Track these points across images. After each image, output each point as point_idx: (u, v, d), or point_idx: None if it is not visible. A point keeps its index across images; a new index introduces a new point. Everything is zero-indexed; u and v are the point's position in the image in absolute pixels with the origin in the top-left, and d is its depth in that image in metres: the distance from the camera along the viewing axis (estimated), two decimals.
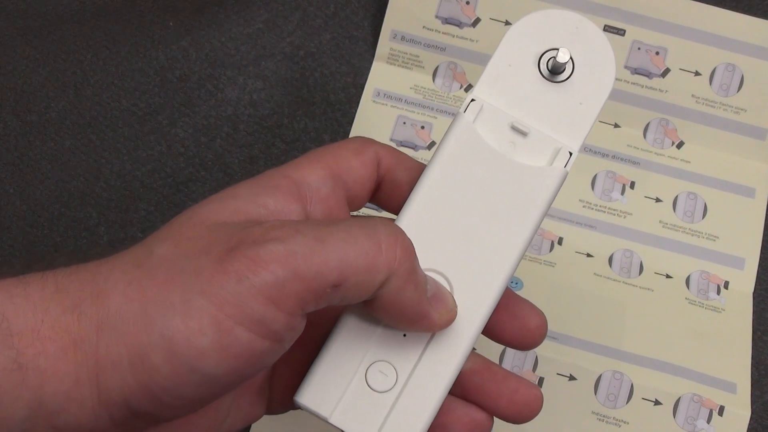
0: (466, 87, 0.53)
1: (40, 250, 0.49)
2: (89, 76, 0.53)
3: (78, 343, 0.23)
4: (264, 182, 0.29)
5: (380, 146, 0.31)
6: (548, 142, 0.30)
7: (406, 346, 0.28)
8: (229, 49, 0.53)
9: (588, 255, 0.50)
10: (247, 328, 0.23)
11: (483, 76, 0.31)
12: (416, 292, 0.26)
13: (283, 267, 0.23)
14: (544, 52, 0.31)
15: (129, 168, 0.51)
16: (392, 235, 0.26)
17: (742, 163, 0.52)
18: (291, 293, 0.24)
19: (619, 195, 0.51)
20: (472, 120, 0.30)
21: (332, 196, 0.29)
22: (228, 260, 0.24)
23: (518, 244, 0.29)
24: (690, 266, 0.50)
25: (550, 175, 0.29)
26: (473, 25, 0.53)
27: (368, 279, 0.25)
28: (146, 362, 0.23)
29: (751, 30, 0.51)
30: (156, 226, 0.50)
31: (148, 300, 0.24)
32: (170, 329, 0.23)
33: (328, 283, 0.24)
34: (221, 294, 0.23)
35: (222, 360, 0.23)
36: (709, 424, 0.46)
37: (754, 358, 0.48)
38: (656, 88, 0.52)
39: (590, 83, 0.30)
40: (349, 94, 0.53)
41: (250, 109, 0.52)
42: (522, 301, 0.31)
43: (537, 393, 0.30)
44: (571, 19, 0.31)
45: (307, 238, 0.24)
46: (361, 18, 0.54)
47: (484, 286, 0.29)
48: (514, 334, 0.31)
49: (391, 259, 0.25)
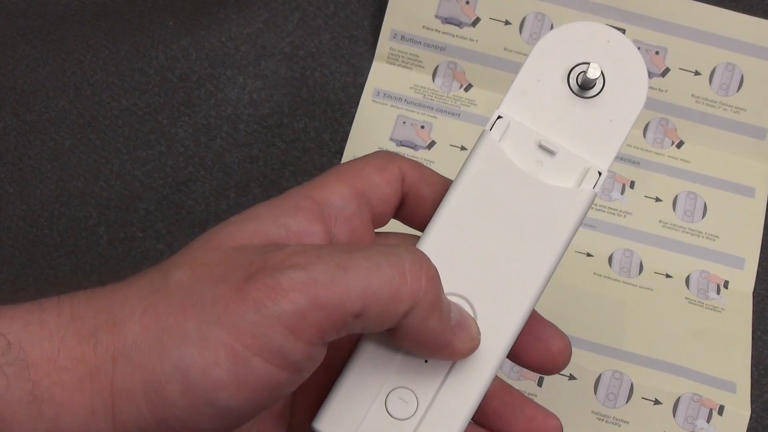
0: (466, 87, 0.53)
1: (40, 249, 0.49)
2: (89, 76, 0.53)
3: (94, 374, 0.23)
4: (285, 203, 0.28)
5: (404, 161, 0.30)
6: (577, 161, 0.29)
7: (427, 373, 0.28)
8: (229, 48, 0.53)
9: (588, 254, 0.50)
10: (265, 359, 0.23)
11: (510, 91, 0.29)
12: (440, 322, 0.26)
13: (303, 296, 0.23)
14: (573, 67, 0.29)
15: (129, 168, 0.51)
16: (417, 263, 0.25)
17: (742, 162, 0.52)
18: (311, 323, 0.23)
19: (619, 194, 0.51)
20: (498, 138, 0.29)
21: (357, 215, 0.28)
22: (246, 288, 0.23)
23: (545, 269, 0.28)
24: (690, 266, 0.50)
25: (579, 197, 0.28)
26: (473, 25, 0.53)
27: (391, 309, 0.24)
28: (161, 394, 0.23)
29: (751, 30, 0.51)
30: (156, 225, 0.50)
31: (163, 329, 0.23)
32: (185, 361, 0.23)
33: (350, 313, 0.23)
34: (238, 324, 0.23)
35: (238, 392, 0.23)
36: (709, 424, 0.46)
37: (754, 358, 0.48)
38: (656, 88, 0.52)
39: (621, 99, 0.29)
40: (349, 93, 0.53)
41: (250, 109, 0.52)
42: (546, 323, 0.30)
43: (555, 424, 0.30)
44: (603, 32, 0.30)
45: (329, 266, 0.23)
46: (361, 18, 0.54)
47: (509, 312, 0.28)
48: (536, 357, 0.30)
49: (415, 288, 0.24)
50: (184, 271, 0.25)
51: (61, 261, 0.49)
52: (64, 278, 0.49)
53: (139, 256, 0.49)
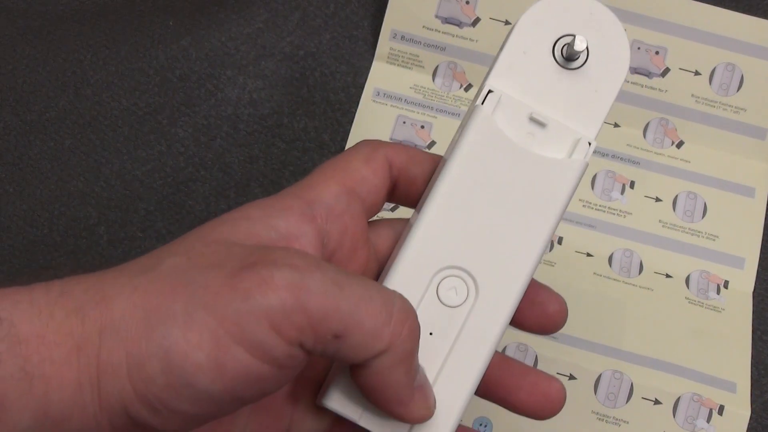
0: (466, 87, 0.53)
1: (40, 249, 0.49)
2: (89, 76, 0.53)
3: (81, 347, 0.23)
4: (276, 203, 0.28)
5: (389, 147, 0.30)
6: (567, 132, 0.29)
7: (433, 345, 0.28)
8: (229, 48, 0.53)
9: (588, 254, 0.50)
10: (246, 349, 0.23)
11: (497, 64, 0.30)
12: (406, 377, 0.26)
13: (292, 296, 0.23)
14: (558, 39, 0.30)
15: (129, 167, 0.51)
16: (404, 312, 0.25)
17: (742, 162, 0.52)
18: (293, 324, 0.23)
19: (619, 194, 0.51)
20: (491, 112, 0.29)
21: (347, 211, 0.29)
22: (240, 275, 0.23)
23: (541, 238, 0.29)
24: (690, 266, 0.50)
25: (572, 167, 0.29)
26: (473, 25, 0.53)
27: (368, 343, 0.24)
28: (142, 371, 0.23)
29: (751, 30, 0.51)
30: (156, 225, 0.50)
31: (151, 307, 0.23)
32: (168, 340, 0.23)
33: (332, 330, 0.24)
34: (224, 310, 0.23)
35: (218, 378, 0.23)
36: (709, 424, 0.46)
37: (754, 358, 0.48)
38: (656, 88, 0.52)
39: (605, 69, 0.30)
40: (349, 93, 0.53)
41: (250, 109, 0.52)
42: (540, 286, 0.31)
43: (558, 386, 0.30)
44: (585, 4, 0.30)
45: (325, 278, 0.24)
46: (361, 18, 0.54)
47: (509, 282, 0.28)
48: (534, 320, 0.31)
49: (396, 333, 0.25)
50: (179, 258, 0.25)
51: (61, 261, 0.49)
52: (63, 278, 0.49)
53: (139, 256, 0.49)
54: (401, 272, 0.28)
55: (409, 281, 0.28)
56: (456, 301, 0.28)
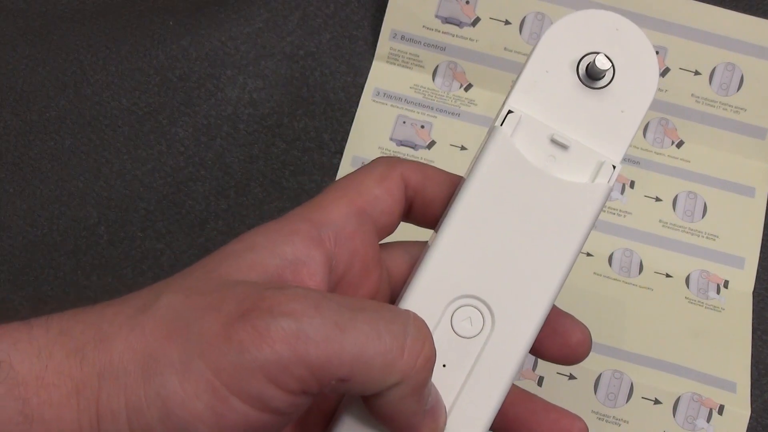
0: (466, 86, 0.53)
1: (40, 249, 0.49)
2: (89, 75, 0.53)
3: (80, 390, 0.23)
4: (283, 227, 0.27)
5: (405, 165, 0.29)
6: (590, 155, 0.28)
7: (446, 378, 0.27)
8: (229, 48, 0.53)
9: (588, 254, 0.50)
10: (243, 401, 0.22)
11: (518, 83, 0.29)
12: (417, 405, 0.25)
13: (289, 348, 0.22)
14: (582, 57, 0.29)
15: (129, 167, 0.51)
16: (420, 340, 0.24)
17: (742, 162, 0.52)
18: (293, 376, 0.22)
19: (619, 194, 0.51)
20: (510, 134, 0.28)
21: (358, 232, 0.28)
22: (234, 326, 0.22)
23: (562, 266, 0.27)
24: (690, 265, 0.50)
25: (595, 192, 0.28)
26: (473, 25, 0.53)
27: (378, 379, 0.23)
28: (141, 419, 0.22)
29: (751, 30, 0.51)
30: (156, 225, 0.50)
31: (148, 352, 0.23)
32: (166, 389, 0.22)
33: (335, 376, 0.23)
34: (220, 362, 0.22)
35: (216, 427, 0.22)
36: (709, 423, 0.46)
37: (754, 358, 0.48)
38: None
39: (632, 89, 0.29)
40: (349, 93, 0.53)
41: (250, 109, 0.52)
42: (564, 315, 0.30)
43: (581, 425, 0.29)
44: (611, 19, 0.29)
45: (326, 322, 0.23)
46: (361, 18, 0.54)
47: (527, 313, 0.27)
48: (556, 350, 0.29)
49: (410, 366, 0.23)
50: (176, 296, 0.24)
51: (61, 261, 0.49)
52: (64, 278, 0.49)
53: (139, 255, 0.49)
54: (413, 301, 0.27)
55: (421, 311, 0.26)
56: (471, 332, 0.27)
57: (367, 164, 0.29)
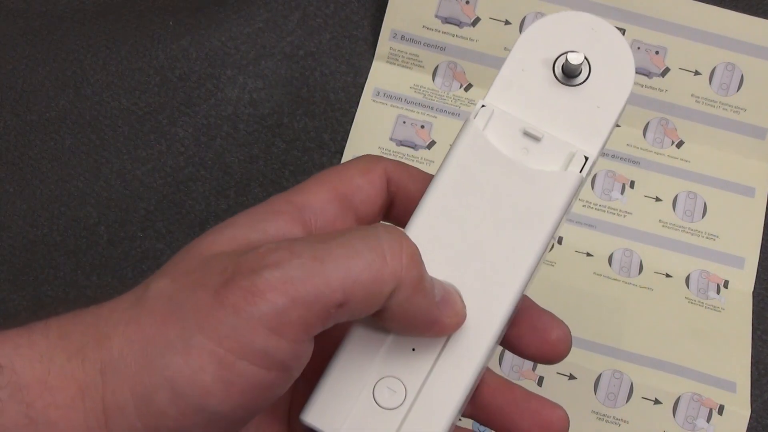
0: (466, 86, 0.53)
1: (40, 249, 0.49)
2: (89, 75, 0.53)
3: (85, 390, 0.23)
4: (265, 209, 0.28)
5: (389, 162, 0.30)
6: (563, 146, 0.28)
7: (415, 361, 0.27)
8: (228, 48, 0.53)
9: (588, 254, 0.50)
10: (250, 361, 0.23)
11: (495, 82, 0.29)
12: (425, 299, 0.25)
13: (281, 295, 0.23)
14: (559, 56, 0.29)
15: (129, 167, 0.51)
16: (396, 242, 0.25)
17: (742, 162, 0.52)
18: (293, 320, 0.23)
19: (619, 194, 0.51)
20: (482, 127, 0.28)
21: (339, 218, 0.28)
22: (224, 293, 0.23)
23: (532, 252, 0.28)
24: (690, 265, 0.50)
25: (565, 180, 0.28)
26: (473, 25, 0.53)
27: (375, 292, 0.24)
28: (151, 405, 0.23)
29: (751, 30, 0.51)
30: (156, 225, 0.50)
31: (147, 340, 0.23)
32: (172, 369, 0.23)
33: (332, 303, 0.23)
34: (220, 329, 0.23)
35: (227, 396, 0.23)
36: (709, 423, 0.46)
37: (754, 358, 0.48)
38: (656, 88, 0.52)
39: (608, 86, 0.29)
40: (348, 93, 0.53)
41: (250, 109, 0.52)
42: (543, 312, 0.30)
43: (561, 413, 0.29)
44: (587, 20, 0.30)
45: (303, 260, 0.23)
46: (361, 18, 0.54)
47: (497, 297, 0.27)
48: (535, 347, 0.29)
49: (397, 268, 0.24)
50: (164, 281, 0.25)
51: (61, 261, 0.49)
52: (64, 278, 0.49)
53: (139, 255, 0.49)
54: None
55: None
56: None
57: (351, 159, 0.30)
